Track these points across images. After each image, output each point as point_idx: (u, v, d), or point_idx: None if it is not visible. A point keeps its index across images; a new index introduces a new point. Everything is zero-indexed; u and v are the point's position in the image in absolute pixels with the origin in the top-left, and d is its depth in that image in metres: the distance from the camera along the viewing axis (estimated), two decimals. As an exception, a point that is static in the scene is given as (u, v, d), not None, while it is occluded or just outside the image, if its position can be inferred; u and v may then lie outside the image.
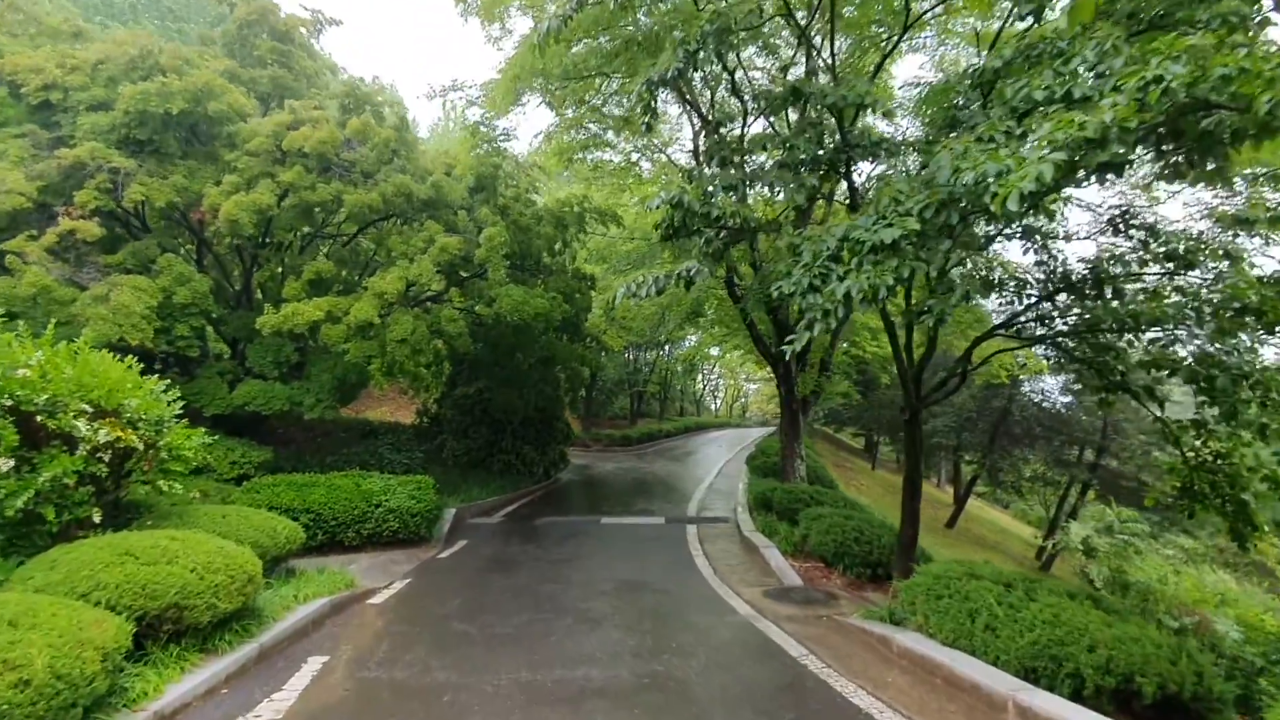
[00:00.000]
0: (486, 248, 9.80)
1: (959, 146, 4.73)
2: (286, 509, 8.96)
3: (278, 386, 10.11)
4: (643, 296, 6.36)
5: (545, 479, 16.71)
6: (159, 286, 9.21)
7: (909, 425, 8.11)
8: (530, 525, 11.50)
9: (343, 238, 12.29)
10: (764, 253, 14.63)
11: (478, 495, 13.11)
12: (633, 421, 36.25)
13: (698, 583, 7.93)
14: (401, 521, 9.62)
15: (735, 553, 9.55)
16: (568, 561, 8.84)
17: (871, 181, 11.87)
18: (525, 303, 10.28)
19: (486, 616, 6.31)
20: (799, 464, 14.22)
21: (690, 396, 61.41)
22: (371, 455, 13.45)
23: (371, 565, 8.86)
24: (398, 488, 9.92)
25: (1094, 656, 4.50)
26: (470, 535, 10.67)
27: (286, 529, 6.98)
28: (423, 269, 9.35)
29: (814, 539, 8.76)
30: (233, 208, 8.85)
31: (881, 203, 5.26)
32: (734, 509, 12.91)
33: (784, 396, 14.18)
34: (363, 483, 9.90)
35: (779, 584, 7.95)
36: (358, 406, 23.61)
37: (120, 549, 4.88)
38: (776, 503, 11.02)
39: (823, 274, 5.31)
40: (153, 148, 9.98)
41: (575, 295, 12.43)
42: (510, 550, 9.58)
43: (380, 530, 9.52)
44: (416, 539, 9.91)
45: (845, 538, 8.39)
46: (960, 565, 5.74)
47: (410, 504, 9.71)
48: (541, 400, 15.10)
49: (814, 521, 9.09)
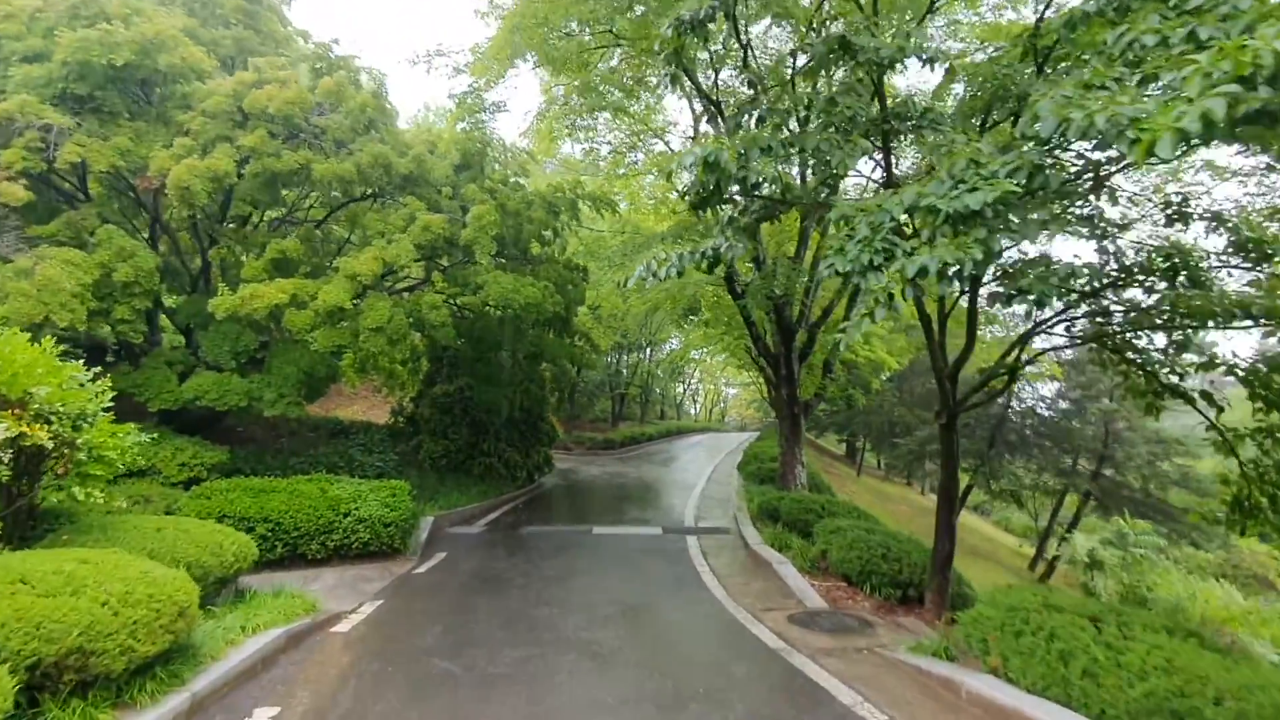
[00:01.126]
0: (474, 228, 8.81)
1: (1064, 94, 3.92)
2: (241, 518, 7.91)
3: (234, 379, 8.99)
4: (660, 278, 5.45)
5: (529, 484, 15.69)
6: (96, 262, 8.06)
7: (945, 431, 7.31)
8: (516, 536, 10.51)
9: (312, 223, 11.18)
10: (767, 246, 13.85)
11: (457, 501, 12.08)
12: (614, 424, 35.49)
13: (711, 605, 7.03)
14: (373, 532, 8.59)
15: (744, 568, 8.67)
16: (561, 579, 7.88)
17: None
18: (515, 291, 9.31)
19: (473, 651, 5.33)
20: (800, 471, 13.44)
21: (671, 400, 60.80)
22: (341, 457, 12.34)
23: (338, 583, 7.82)
24: (369, 494, 8.88)
25: (1222, 711, 3.70)
26: (450, 546, 9.65)
27: (235, 544, 5.92)
28: (402, 250, 8.33)
29: (835, 555, 7.91)
30: (184, 173, 7.74)
31: (956, 166, 4.42)
32: (733, 518, 12.05)
33: (785, 400, 13.38)
34: (329, 488, 8.84)
35: (802, 607, 7.08)
36: (327, 405, 22.32)
37: (12, 575, 3.85)
38: (784, 513, 10.17)
39: (886, 249, 4.47)
40: (94, 105, 8.81)
41: (568, 286, 11.47)
42: (496, 565, 8.59)
43: (349, 542, 8.48)
44: (390, 551, 8.88)
45: (871, 554, 7.56)
46: (1034, 594, 4.91)
47: (383, 513, 8.69)
48: (527, 400, 14.11)
49: (833, 536, 8.25)
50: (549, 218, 11.04)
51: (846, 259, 4.58)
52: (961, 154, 4.54)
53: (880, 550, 7.60)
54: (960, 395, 7.37)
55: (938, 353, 7.31)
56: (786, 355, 13.27)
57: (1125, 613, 4.73)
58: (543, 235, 11.81)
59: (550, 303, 10.03)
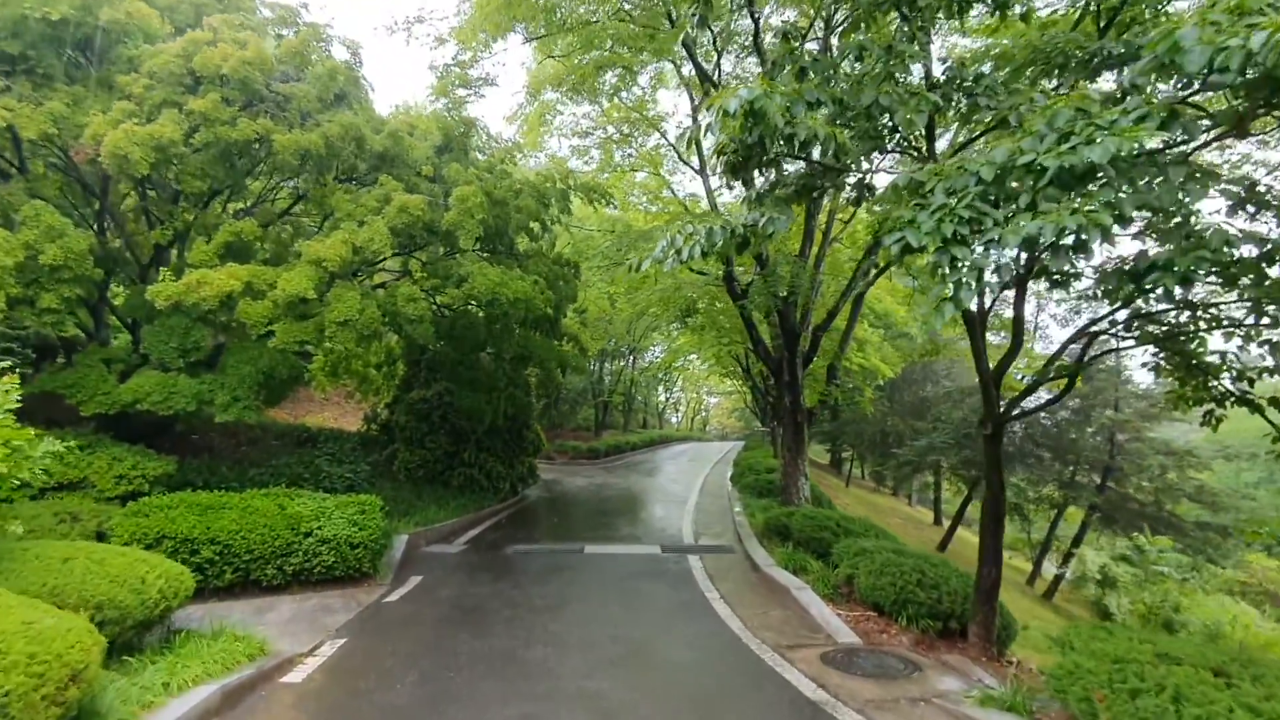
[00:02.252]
0: (458, 210, 7.86)
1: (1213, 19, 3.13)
2: (183, 539, 6.86)
3: (181, 380, 7.91)
4: (684, 258, 4.57)
5: (512, 496, 14.65)
6: (21, 242, 6.98)
7: (990, 442, 6.50)
8: (500, 556, 9.50)
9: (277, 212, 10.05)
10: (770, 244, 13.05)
11: (435, 517, 11.03)
12: (597, 433, 34.54)
13: (729, 641, 6.12)
14: (338, 555, 7.56)
15: (758, 594, 7.77)
16: (554, 610, 6.92)
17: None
18: (503, 284, 8.36)
19: (457, 711, 4.36)
20: (803, 483, 12.59)
21: (653, 409, 59.99)
22: (306, 468, 11.23)
23: (296, 615, 6.77)
24: (334, 511, 7.84)
25: None
26: (426, 569, 8.63)
27: (163, 576, 4.89)
28: (375, 233, 7.34)
29: (863, 581, 7.05)
30: (122, 139, 6.70)
31: (1058, 118, 3.61)
32: (735, 535, 11.16)
33: (788, 407, 12.54)
34: (289, 504, 7.79)
35: (832, 642, 6.20)
36: (296, 411, 21.07)
37: None
38: (796, 531, 9.30)
39: (973, 217, 3.64)
40: (27, 67, 7.75)
41: (559, 282, 10.55)
42: (478, 591, 7.60)
43: (310, 566, 7.44)
44: (358, 576, 7.85)
45: (905, 581, 6.70)
46: (1140, 640, 4.08)
47: (350, 532, 7.66)
48: (512, 406, 13.10)
49: (859, 558, 7.40)
50: (538, 208, 10.11)
51: (921, 231, 3.74)
52: (1062, 102, 3.74)
53: (915, 576, 6.75)
54: (1005, 401, 6.57)
55: (982, 353, 6.50)
56: (790, 360, 12.44)
57: (1253, 663, 3.91)
58: (531, 228, 10.88)
59: (541, 299, 9.09)
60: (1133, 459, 16.32)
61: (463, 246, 8.03)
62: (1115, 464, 16.87)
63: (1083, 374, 5.95)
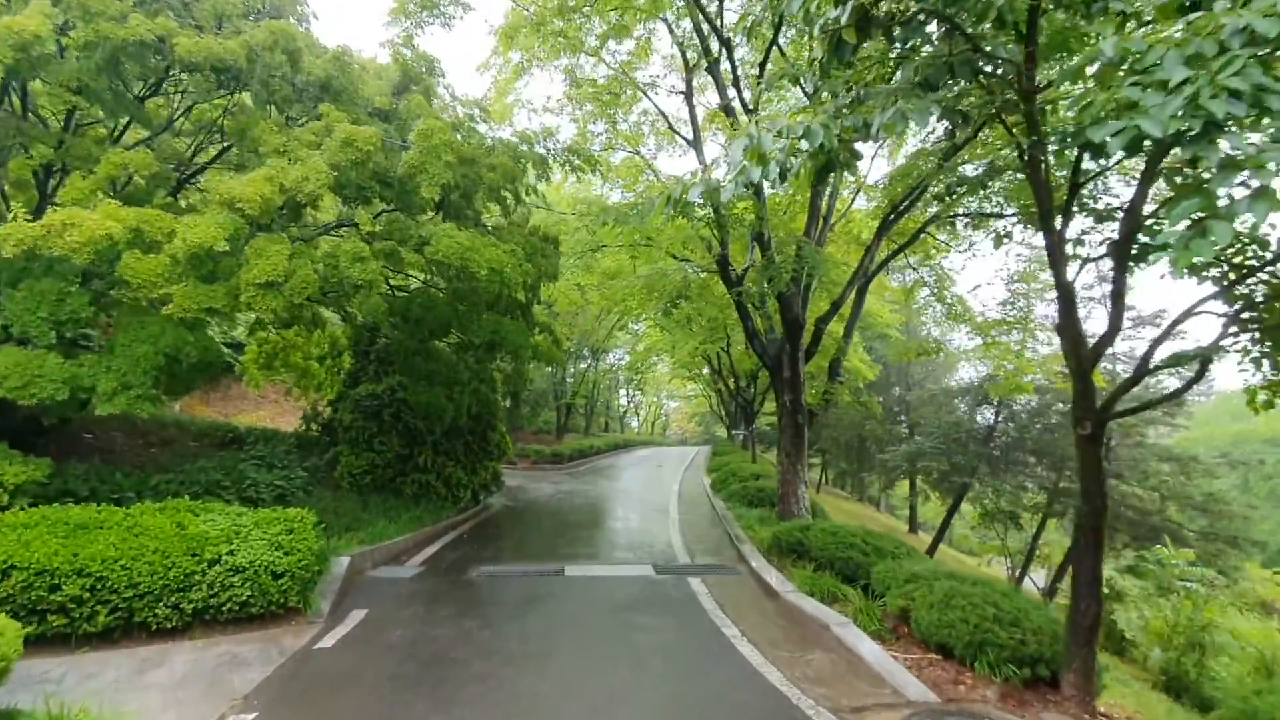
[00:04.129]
0: (420, 149, 6.25)
1: None
2: (39, 571, 5.17)
3: (50, 361, 6.08)
4: (757, 179, 3.15)
5: (474, 506, 12.98)
6: None
7: (1089, 444, 5.25)
8: (464, 581, 7.89)
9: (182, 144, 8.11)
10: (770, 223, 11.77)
11: (384, 533, 9.31)
12: (559, 436, 33.04)
13: (775, 702, 4.70)
14: (255, 587, 5.87)
15: (787, 630, 6.36)
16: (539, 660, 5.38)
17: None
18: (473, 250, 6.79)
19: None
20: (803, 492, 11.34)
21: (614, 413, 58.56)
22: (227, 474, 9.36)
23: (192, 673, 5.07)
24: (252, 530, 6.15)
25: None
26: (373, 599, 6.97)
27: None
28: (310, 172, 5.68)
29: (924, 616, 5.73)
30: (-42, 29, 4.94)
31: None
32: (735, 552, 9.78)
33: (788, 407, 11.26)
34: (192, 522, 6.07)
35: (901, 699, 4.85)
36: (226, 408, 18.84)
37: None
38: (815, 549, 7.96)
39: (1252, 91, 2.32)
40: None
41: (538, 257, 8.99)
42: (439, 633, 5.99)
43: (217, 603, 5.74)
44: (282, 613, 6.16)
45: (980, 617, 5.41)
46: None
47: (272, 557, 5.98)
48: (476, 404, 11.47)
49: (912, 587, 6.09)
50: (514, 168, 8.55)
51: (1162, 114, 2.41)
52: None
53: (989, 610, 5.47)
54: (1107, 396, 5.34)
55: (1080, 337, 5.26)
56: (792, 354, 11.18)
57: None
58: (504, 198, 9.29)
59: (518, 271, 7.54)
60: (1132, 465, 15.63)
61: (424, 196, 6.42)
62: (1112, 470, 16.16)
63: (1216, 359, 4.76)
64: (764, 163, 2.92)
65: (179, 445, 10.94)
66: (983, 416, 18.82)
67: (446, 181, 6.27)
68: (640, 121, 13.81)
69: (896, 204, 10.84)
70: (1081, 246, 6.00)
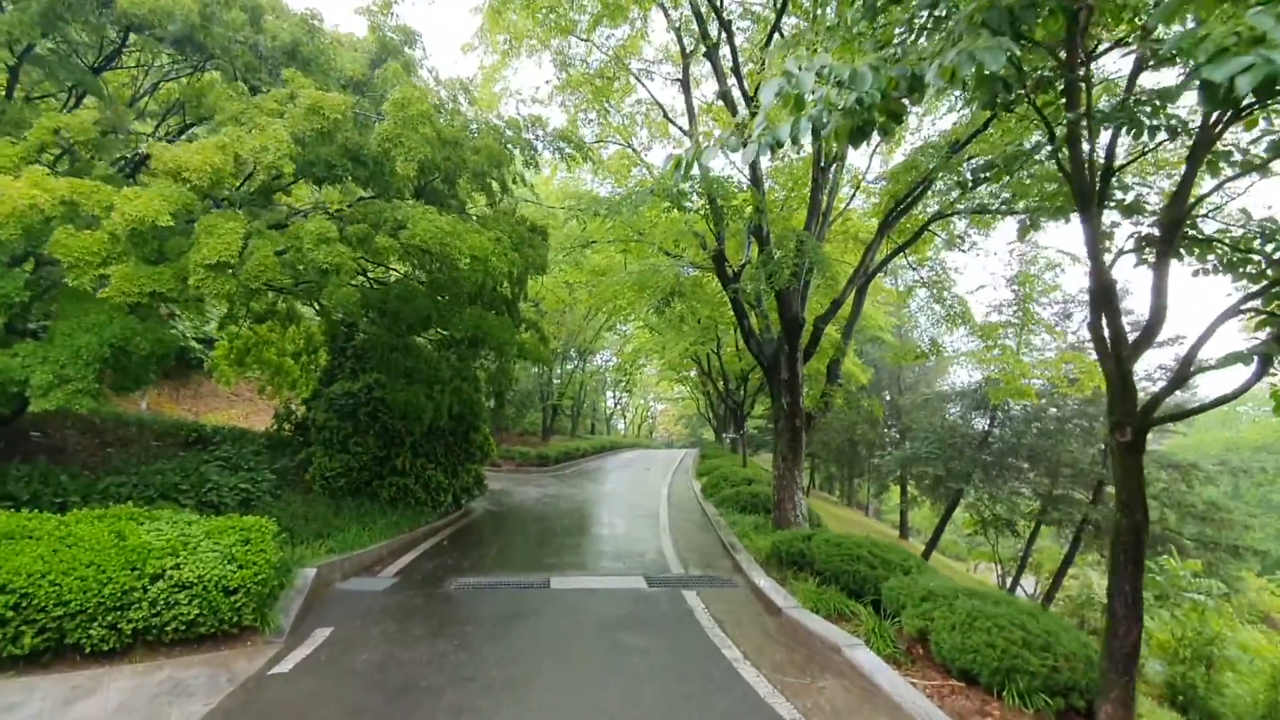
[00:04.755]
0: (395, 120, 5.68)
1: None
2: (-54, 588, 4.48)
3: (-23, 348, 5.46)
4: (779, 139, 2.64)
5: (455, 510, 12.38)
6: None
7: (1130, 452, 4.78)
8: (441, 595, 7.30)
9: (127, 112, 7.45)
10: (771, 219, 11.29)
11: (356, 540, 8.71)
12: (545, 438, 32.47)
13: (786, 741, 4.18)
14: (205, 604, 5.27)
15: (792, 652, 5.85)
16: (520, 688, 4.82)
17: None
18: (455, 235, 6.22)
19: None
20: (800, 499, 10.85)
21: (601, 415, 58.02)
22: (187, 477, 8.71)
23: (129, 702, 4.48)
24: (203, 541, 5.54)
25: None
26: (340, 615, 6.37)
27: None
28: (271, 141, 5.09)
29: (943, 639, 5.24)
30: None
31: None
32: (732, 562, 9.27)
33: (785, 410, 10.77)
34: (134, 531, 5.45)
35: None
36: (198, 407, 18.05)
37: None
38: (818, 561, 7.46)
39: None
40: None
41: (525, 247, 8.43)
42: (410, 656, 5.41)
43: (161, 622, 5.13)
44: (236, 632, 5.55)
45: (1007, 641, 4.93)
46: None
47: (224, 571, 5.38)
48: (458, 403, 10.88)
49: (929, 606, 5.60)
50: (501, 151, 7.99)
51: None
52: None
53: (1017, 633, 4.99)
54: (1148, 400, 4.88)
55: (1121, 333, 4.80)
56: (790, 355, 10.70)
57: None
58: (489, 184, 8.72)
59: (503, 260, 6.98)
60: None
61: (400, 174, 5.85)
62: (1105, 476, 15.84)
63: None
64: (800, 108, 2.42)
65: (138, 445, 10.24)
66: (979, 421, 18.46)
67: (425, 157, 5.71)
68: (634, 111, 13.30)
69: (900, 199, 10.42)
70: (1109, 239, 5.57)
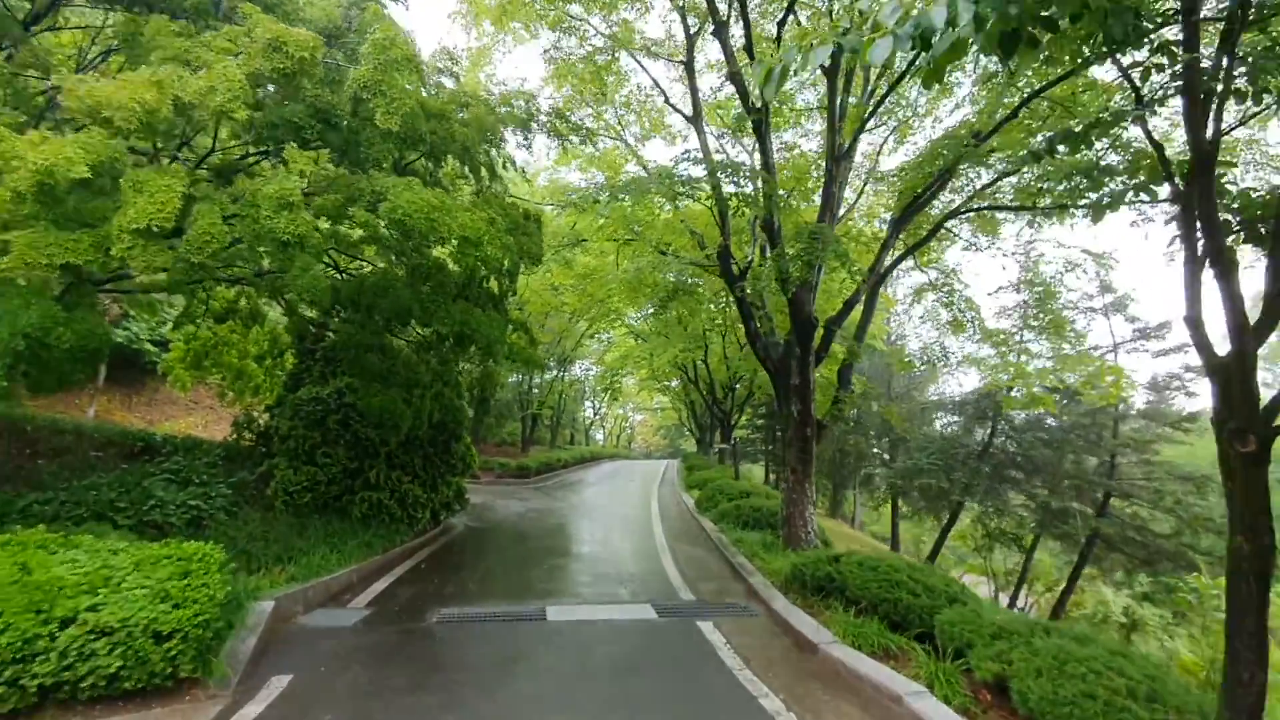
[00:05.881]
0: (372, 65, 4.77)
1: None
2: None
3: None
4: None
5: (433, 527, 11.33)
6: None
7: (1252, 467, 4.04)
8: (421, 632, 6.30)
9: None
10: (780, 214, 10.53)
11: (324, 564, 7.66)
12: (524, 449, 31.40)
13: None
14: (131, 653, 4.24)
15: (839, 700, 4.97)
16: (528, 758, 3.88)
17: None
18: (443, 211, 5.32)
19: None
20: (811, 515, 10.05)
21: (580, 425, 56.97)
22: (126, 493, 7.60)
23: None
24: (130, 574, 4.52)
25: None
26: (301, 661, 5.35)
27: None
28: (220, 80, 4.12)
29: (1030, 688, 4.40)
30: None
31: None
32: (744, 585, 8.40)
33: (795, 418, 9.99)
34: (43, 563, 4.41)
35: (1036, 821, 3.49)
36: (152, 415, 16.69)
37: None
38: (852, 586, 6.62)
39: None
40: None
41: (519, 233, 7.53)
42: (385, 715, 4.43)
43: (74, 677, 4.10)
44: (171, 685, 4.52)
45: (1109, 691, 4.13)
46: None
47: (155, 612, 4.36)
48: (439, 410, 9.89)
49: (1006, 646, 4.78)
50: (493, 123, 7.11)
51: None
52: None
53: (1121, 681, 4.19)
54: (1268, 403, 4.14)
55: (1244, 320, 4.06)
56: (801, 358, 9.93)
57: None
58: (478, 162, 7.80)
59: (498, 244, 6.08)
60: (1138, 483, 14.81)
61: (380, 125, 4.93)
62: (1114, 488, 15.33)
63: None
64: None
65: (74, 456, 9.06)
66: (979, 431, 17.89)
67: (410, 110, 4.80)
68: (629, 99, 12.49)
69: (918, 194, 9.76)
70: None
